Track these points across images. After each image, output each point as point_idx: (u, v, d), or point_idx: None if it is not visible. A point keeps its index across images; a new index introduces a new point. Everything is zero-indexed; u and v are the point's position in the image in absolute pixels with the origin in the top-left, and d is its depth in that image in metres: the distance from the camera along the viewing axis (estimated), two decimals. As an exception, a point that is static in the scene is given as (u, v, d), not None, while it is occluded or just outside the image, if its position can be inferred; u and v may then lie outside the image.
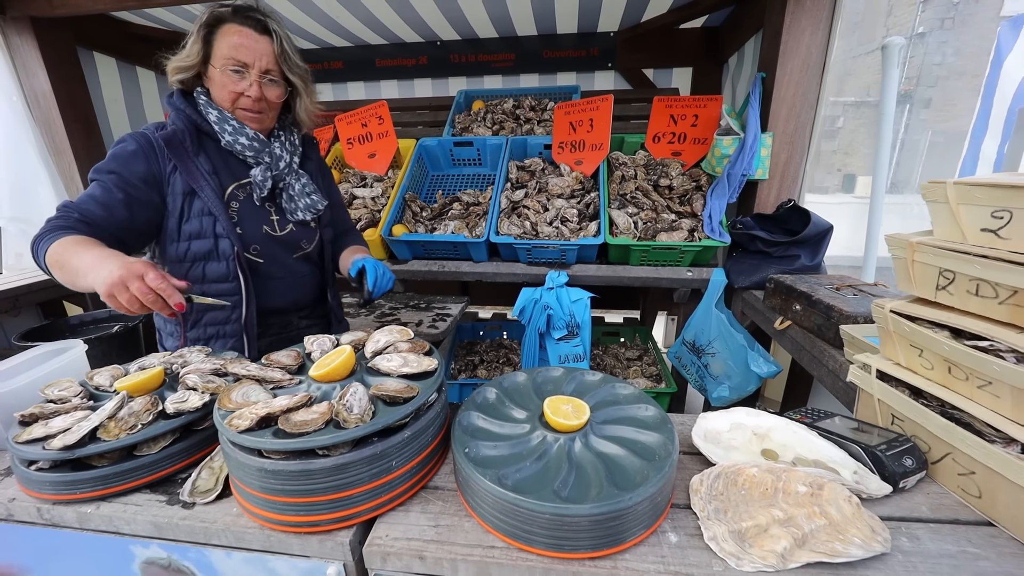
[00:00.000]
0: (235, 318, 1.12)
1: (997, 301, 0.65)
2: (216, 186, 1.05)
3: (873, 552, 0.57)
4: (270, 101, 1.07)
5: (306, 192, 1.16)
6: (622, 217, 1.69)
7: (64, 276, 0.87)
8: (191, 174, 1.03)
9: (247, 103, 1.05)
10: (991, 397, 0.65)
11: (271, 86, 1.06)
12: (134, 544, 0.70)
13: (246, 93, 1.03)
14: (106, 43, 2.27)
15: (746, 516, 0.61)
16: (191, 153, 1.04)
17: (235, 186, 1.09)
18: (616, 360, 2.26)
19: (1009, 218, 0.64)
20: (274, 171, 1.11)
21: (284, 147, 1.14)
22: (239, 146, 1.07)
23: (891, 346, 0.79)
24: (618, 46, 2.52)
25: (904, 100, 10.88)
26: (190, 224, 1.05)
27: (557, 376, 0.87)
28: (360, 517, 0.65)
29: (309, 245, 1.22)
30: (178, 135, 1.03)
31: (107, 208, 0.97)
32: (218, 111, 1.05)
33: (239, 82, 1.02)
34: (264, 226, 1.13)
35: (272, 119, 1.13)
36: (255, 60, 1.02)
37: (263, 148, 1.09)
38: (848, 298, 1.20)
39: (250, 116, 1.07)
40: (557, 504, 0.56)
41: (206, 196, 1.03)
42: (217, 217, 1.04)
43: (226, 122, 1.05)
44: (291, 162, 1.14)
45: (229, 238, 1.05)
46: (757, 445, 0.76)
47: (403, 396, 0.67)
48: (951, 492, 0.70)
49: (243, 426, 0.61)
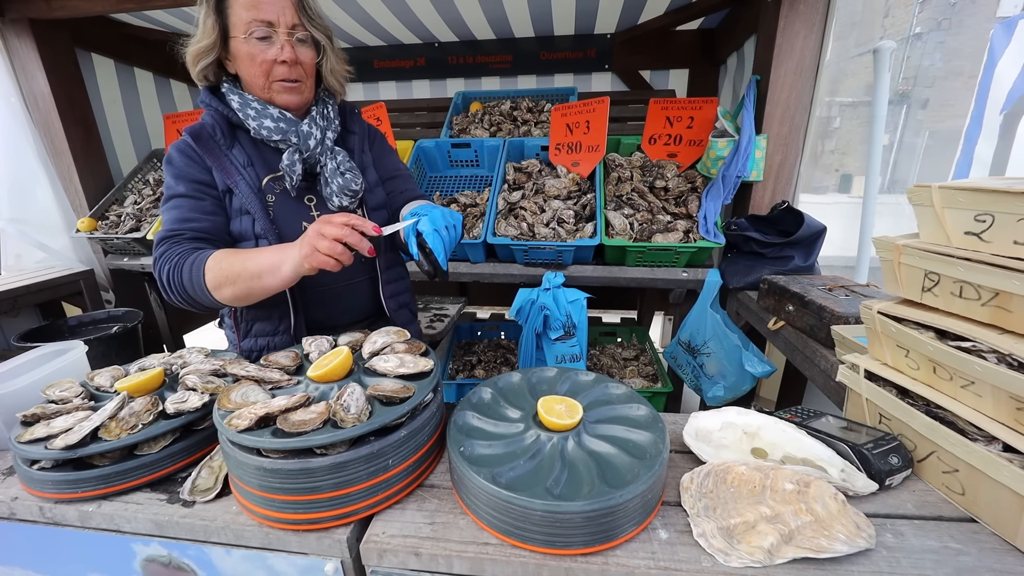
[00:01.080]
0: (283, 329, 1.03)
1: (980, 303, 0.66)
2: (252, 180, 0.95)
3: (857, 548, 0.58)
4: (305, 65, 0.93)
5: (340, 172, 0.98)
6: (618, 218, 1.70)
7: (239, 288, 0.84)
8: (225, 169, 0.94)
9: (283, 71, 0.90)
10: (974, 396, 0.66)
11: (301, 47, 0.91)
12: (135, 542, 0.72)
13: (279, 59, 0.89)
14: (104, 45, 2.28)
15: (734, 513, 0.62)
16: (223, 147, 0.95)
17: (270, 178, 0.98)
18: (613, 360, 2.28)
19: (991, 222, 0.65)
20: (304, 153, 0.95)
21: (315, 123, 0.97)
22: (264, 131, 0.94)
23: (879, 347, 0.80)
24: (615, 48, 2.54)
25: (901, 101, 10.94)
26: (232, 225, 0.97)
27: (551, 376, 0.88)
28: (357, 515, 0.66)
29: None
30: (207, 129, 0.95)
31: (208, 218, 0.93)
32: (239, 95, 0.94)
33: (268, 48, 0.89)
34: (304, 222, 0.99)
35: (311, 91, 0.98)
36: (279, 15, 0.87)
37: (290, 128, 0.95)
38: (840, 299, 1.22)
39: (287, 88, 0.93)
40: (549, 501, 0.58)
41: (241, 192, 0.94)
42: (254, 215, 0.94)
43: (248, 106, 0.93)
44: (323, 139, 0.98)
45: (267, 238, 0.94)
46: (747, 444, 0.78)
47: (399, 396, 0.69)
48: (936, 489, 0.72)
49: (242, 426, 0.63)
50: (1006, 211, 0.63)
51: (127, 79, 2.46)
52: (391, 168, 1.16)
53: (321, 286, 1.03)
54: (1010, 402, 0.62)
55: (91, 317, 2.08)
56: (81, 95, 2.15)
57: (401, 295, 1.17)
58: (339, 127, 1.04)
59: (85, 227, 2.10)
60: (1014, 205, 0.62)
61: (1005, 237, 0.64)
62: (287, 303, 1.00)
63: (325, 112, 1.00)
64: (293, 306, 1.00)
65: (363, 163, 1.08)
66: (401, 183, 1.15)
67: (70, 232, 2.16)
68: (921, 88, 10.79)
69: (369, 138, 1.13)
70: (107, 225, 2.14)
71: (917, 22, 10.97)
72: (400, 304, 1.16)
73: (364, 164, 1.08)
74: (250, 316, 1.04)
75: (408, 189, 1.16)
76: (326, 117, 1.00)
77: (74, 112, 2.11)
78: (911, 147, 10.43)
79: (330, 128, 1.00)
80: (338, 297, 1.07)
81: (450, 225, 0.87)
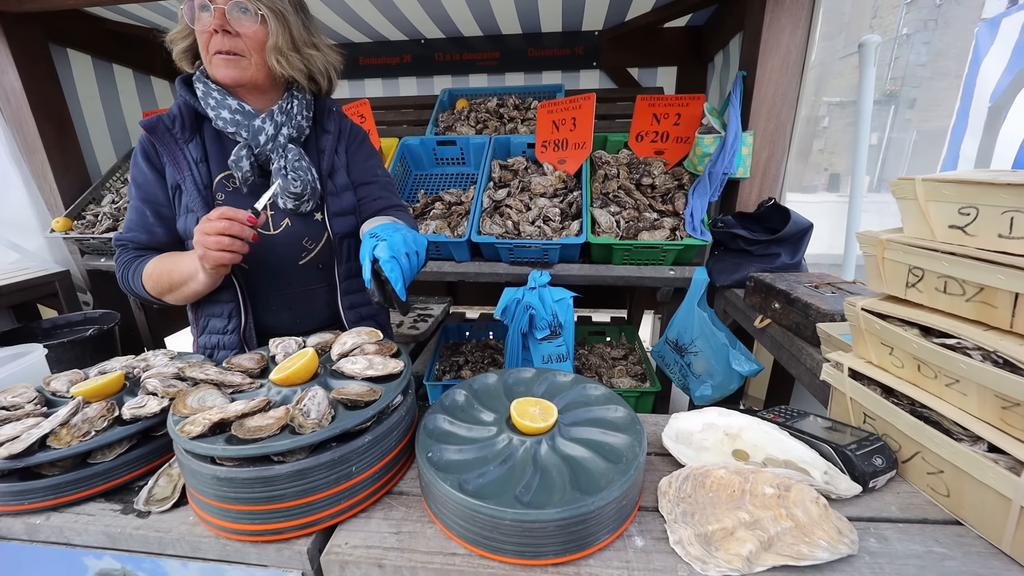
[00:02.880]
0: (232, 328, 1.00)
1: (964, 298, 0.64)
2: (202, 176, 0.93)
3: (839, 555, 0.56)
4: (246, 38, 0.86)
5: (283, 172, 0.93)
6: (604, 216, 1.68)
7: (177, 295, 0.92)
8: (177, 164, 0.92)
9: (217, 42, 0.85)
10: (958, 395, 0.64)
11: (241, 15, 0.84)
12: (86, 555, 0.68)
13: (213, 27, 0.84)
14: (81, 40, 2.22)
15: (713, 519, 0.60)
16: (180, 140, 0.92)
17: (222, 176, 0.95)
18: (601, 360, 2.25)
19: (976, 215, 0.63)
20: (255, 149, 0.92)
21: (271, 118, 0.93)
22: (221, 122, 0.91)
23: (863, 344, 0.78)
24: (603, 45, 2.52)
25: (890, 100, 11.04)
26: (179, 223, 0.95)
27: (529, 377, 0.85)
28: (319, 525, 0.63)
29: (314, 244, 1.01)
30: (164, 121, 0.92)
31: (146, 230, 0.96)
32: (204, 83, 0.91)
33: (205, 19, 0.84)
34: None
35: (257, 69, 0.90)
36: None
37: (245, 121, 0.91)
38: (826, 296, 1.20)
39: (223, 61, 0.86)
40: (518, 510, 0.55)
41: (187, 190, 0.92)
42: (197, 213, 0.91)
43: (210, 95, 0.90)
44: (275, 135, 0.93)
45: None
46: (729, 445, 0.75)
47: (364, 400, 0.65)
48: (921, 491, 0.70)
49: (195, 432, 0.59)
50: (991, 203, 0.61)
51: (105, 76, 2.40)
52: (367, 173, 1.09)
53: (273, 291, 1.01)
54: (995, 401, 0.60)
55: (66, 319, 2.03)
56: (55, 91, 2.09)
57: (364, 306, 1.12)
58: (306, 125, 0.99)
59: (60, 227, 2.04)
60: (999, 197, 0.60)
61: (990, 230, 0.62)
62: (238, 302, 0.99)
63: (288, 107, 0.95)
64: (244, 308, 0.99)
65: (333, 165, 1.03)
66: (376, 190, 1.09)
67: (45, 232, 2.10)
68: (909, 88, 10.91)
69: (347, 139, 1.08)
70: (83, 225, 2.08)
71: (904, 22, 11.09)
72: (362, 316, 1.10)
73: (335, 166, 1.04)
74: (205, 312, 1.03)
75: (382, 197, 1.09)
76: (286, 112, 0.95)
77: (48, 108, 2.05)
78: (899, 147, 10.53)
79: (289, 124, 0.95)
80: (288, 303, 1.03)
81: (412, 252, 0.79)
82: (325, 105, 1.04)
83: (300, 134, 0.98)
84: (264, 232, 0.97)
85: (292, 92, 0.98)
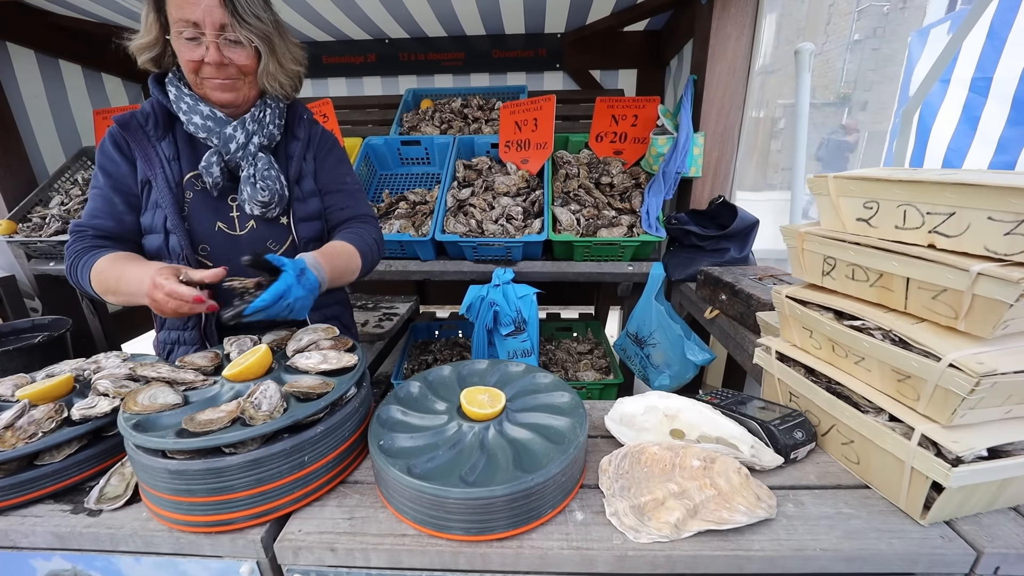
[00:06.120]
0: (191, 324, 1.01)
1: (868, 284, 0.71)
2: (173, 174, 0.95)
3: (757, 518, 0.62)
4: (240, 65, 0.91)
5: (253, 181, 0.96)
6: (565, 214, 1.73)
7: (120, 300, 0.89)
8: (149, 160, 0.94)
9: (210, 71, 0.90)
10: (864, 371, 0.71)
11: (234, 47, 0.89)
12: (34, 557, 0.68)
13: (206, 60, 0.88)
14: (22, 34, 2.12)
15: (646, 491, 0.65)
16: (153, 138, 0.95)
17: (192, 175, 0.97)
18: (568, 354, 2.31)
19: (877, 208, 0.70)
20: (225, 156, 0.95)
21: (243, 126, 0.95)
22: (192, 127, 0.93)
23: (788, 329, 0.85)
24: (565, 47, 2.57)
25: (843, 103, 11.58)
26: (145, 217, 0.96)
27: (482, 368, 0.89)
28: (272, 514, 0.65)
29: (278, 247, 1.03)
30: (138, 118, 0.94)
31: (115, 218, 0.95)
32: (177, 88, 0.93)
33: (196, 48, 0.87)
34: (218, 222, 0.99)
35: (251, 88, 0.96)
36: (205, 16, 0.85)
37: (216, 128, 0.94)
38: (768, 287, 1.28)
39: (218, 86, 0.91)
40: (462, 488, 0.58)
41: (158, 186, 0.94)
42: (166, 211, 0.93)
43: (181, 100, 0.93)
44: (246, 143, 0.96)
45: (176, 234, 0.94)
46: (667, 426, 0.81)
47: (317, 392, 0.67)
48: (836, 460, 0.77)
49: (144, 427, 0.60)
50: (888, 198, 0.68)
51: (51, 72, 2.29)
52: (336, 181, 1.11)
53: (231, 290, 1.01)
54: (892, 375, 0.66)
55: (12, 327, 1.93)
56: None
57: (327, 307, 1.14)
58: (277, 132, 1.01)
59: (3, 230, 1.95)
60: (894, 192, 0.67)
61: (888, 222, 0.69)
62: None
63: (260, 115, 0.98)
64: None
65: (301, 171, 1.05)
66: (343, 198, 1.11)
67: (-13, 236, 2.01)
68: (860, 91, 11.47)
69: (317, 146, 1.09)
70: (30, 227, 2.00)
71: (856, 29, 11.66)
72: (325, 317, 1.11)
73: (303, 172, 1.05)
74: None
75: (349, 206, 1.11)
76: (259, 120, 0.97)
77: (-14, 106, 1.96)
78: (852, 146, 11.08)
79: (260, 133, 0.97)
80: None
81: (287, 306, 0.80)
82: (297, 111, 1.07)
83: (271, 142, 1.00)
84: (230, 233, 1.00)
85: (266, 100, 1.00)
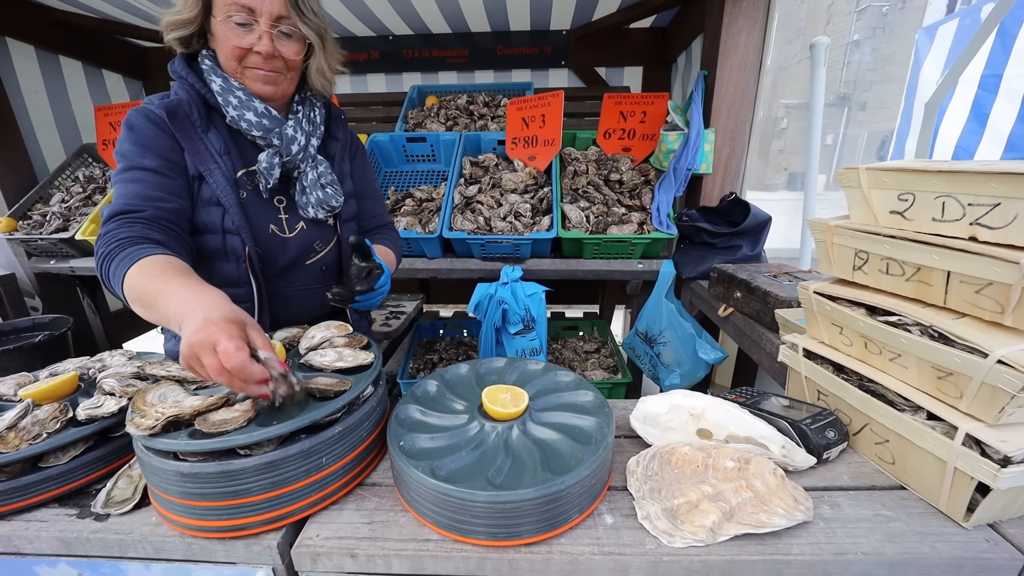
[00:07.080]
0: None
1: (904, 278, 0.69)
2: (229, 170, 0.89)
3: (796, 521, 0.59)
4: (287, 60, 0.88)
5: (320, 184, 0.95)
6: (574, 211, 1.70)
7: (151, 316, 0.71)
8: (199, 154, 0.87)
9: (257, 61, 0.85)
10: (900, 368, 0.69)
11: (285, 40, 0.86)
12: (38, 564, 0.65)
13: (255, 49, 0.84)
14: (22, 29, 2.09)
15: (678, 494, 0.62)
16: (199, 129, 0.88)
17: (243, 173, 0.92)
18: (574, 353, 2.28)
19: (913, 200, 0.68)
20: (285, 157, 0.91)
21: (300, 126, 0.93)
22: (244, 123, 0.88)
23: (815, 325, 0.83)
24: (570, 44, 2.55)
25: (843, 103, 11.61)
26: (198, 215, 0.89)
27: (500, 367, 0.86)
28: (289, 518, 0.62)
29: (323, 247, 1.02)
30: (183, 106, 0.87)
31: (176, 197, 0.84)
32: (223, 78, 0.87)
33: (245, 35, 0.83)
34: (271, 224, 0.95)
35: (291, 84, 0.92)
36: (263, 5, 0.82)
37: (273, 127, 0.90)
38: (784, 284, 1.26)
39: (262, 77, 0.87)
40: (489, 492, 0.56)
41: (216, 181, 0.87)
42: (227, 208, 0.88)
43: (231, 92, 0.87)
44: (307, 145, 0.94)
45: (240, 235, 0.89)
46: (693, 425, 0.78)
47: (334, 390, 0.65)
48: (869, 460, 0.74)
49: (145, 424, 0.57)
50: (925, 189, 0.66)
51: (52, 68, 2.26)
52: (366, 186, 1.15)
53: (273, 288, 0.98)
54: (932, 372, 0.64)
55: (12, 326, 1.91)
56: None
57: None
58: (323, 132, 1.00)
59: (3, 227, 1.92)
60: (932, 183, 0.65)
61: (925, 215, 0.66)
62: (253, 300, 0.94)
63: (312, 115, 0.96)
64: (259, 303, 0.94)
65: (342, 172, 1.05)
66: (374, 205, 1.16)
67: (-14, 233, 1.97)
68: (860, 91, 11.50)
69: (351, 147, 1.11)
70: (30, 225, 1.97)
71: (855, 29, 11.69)
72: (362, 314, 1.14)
73: (343, 173, 1.05)
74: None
75: (378, 215, 1.17)
76: (312, 121, 0.96)
77: (-16, 102, 1.93)
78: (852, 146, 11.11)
79: (315, 134, 0.96)
80: (285, 301, 1.01)
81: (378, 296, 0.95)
82: (333, 112, 1.06)
83: (320, 142, 0.99)
84: (280, 235, 0.97)
85: (311, 100, 0.97)
